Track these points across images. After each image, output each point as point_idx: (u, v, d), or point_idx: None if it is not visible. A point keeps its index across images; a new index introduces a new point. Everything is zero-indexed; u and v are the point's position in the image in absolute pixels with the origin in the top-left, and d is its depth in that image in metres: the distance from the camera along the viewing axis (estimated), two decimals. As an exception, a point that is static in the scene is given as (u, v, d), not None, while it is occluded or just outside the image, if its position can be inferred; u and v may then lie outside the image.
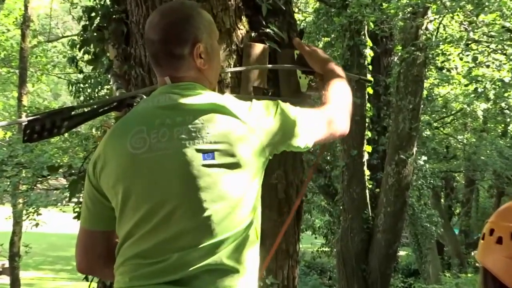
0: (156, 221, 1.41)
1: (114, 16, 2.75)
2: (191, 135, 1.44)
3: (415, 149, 8.89)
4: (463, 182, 19.59)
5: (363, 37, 8.77)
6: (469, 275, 13.90)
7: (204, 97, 1.52)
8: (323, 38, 10.29)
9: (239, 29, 2.51)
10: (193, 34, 1.54)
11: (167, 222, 1.40)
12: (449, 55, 9.60)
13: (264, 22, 2.57)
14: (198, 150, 1.42)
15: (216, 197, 1.41)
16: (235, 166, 1.44)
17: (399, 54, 9.10)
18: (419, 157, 11.18)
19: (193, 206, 1.41)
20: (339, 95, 1.81)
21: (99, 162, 1.51)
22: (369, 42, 8.78)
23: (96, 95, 9.49)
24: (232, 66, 2.45)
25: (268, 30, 2.55)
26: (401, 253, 17.59)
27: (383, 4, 8.38)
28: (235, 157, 1.44)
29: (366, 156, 9.06)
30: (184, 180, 1.41)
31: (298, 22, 11.00)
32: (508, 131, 15.63)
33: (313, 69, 2.07)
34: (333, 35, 9.55)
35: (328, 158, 11.52)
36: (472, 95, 10.84)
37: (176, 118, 1.47)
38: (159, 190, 1.42)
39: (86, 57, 3.19)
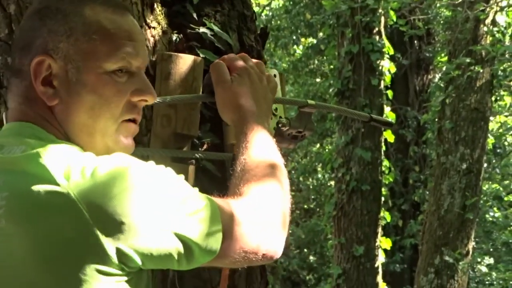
0: None
1: None
2: None
3: (472, 244, 9.03)
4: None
5: (377, 37, 8.98)
6: None
7: (19, 149, 1.53)
8: (303, 40, 10.37)
9: (150, 27, 2.56)
10: (41, 38, 1.60)
11: None
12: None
13: (195, 15, 2.63)
14: None
15: None
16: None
17: (444, 69, 9.32)
18: (479, 260, 11.31)
19: None
20: (266, 183, 1.83)
21: None
22: (389, 47, 9.00)
23: None
24: (134, 96, 2.46)
25: (202, 29, 2.61)
26: None
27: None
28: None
29: (381, 258, 9.17)
30: None
31: (258, 12, 11.16)
32: None
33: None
34: (321, 34, 9.70)
35: (311, 258, 11.55)
36: None
37: None
38: None
39: None
